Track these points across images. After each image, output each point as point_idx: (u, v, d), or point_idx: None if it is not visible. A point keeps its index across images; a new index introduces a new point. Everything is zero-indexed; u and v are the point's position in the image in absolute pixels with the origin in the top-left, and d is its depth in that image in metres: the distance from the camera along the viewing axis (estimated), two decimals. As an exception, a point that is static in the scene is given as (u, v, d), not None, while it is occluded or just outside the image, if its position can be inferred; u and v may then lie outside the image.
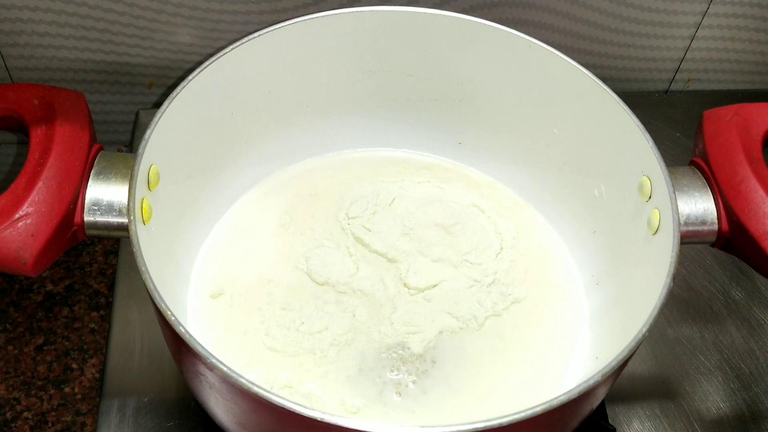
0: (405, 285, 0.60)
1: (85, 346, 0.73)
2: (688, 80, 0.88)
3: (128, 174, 0.51)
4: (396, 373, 0.56)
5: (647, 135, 0.54)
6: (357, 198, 0.65)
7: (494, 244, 0.63)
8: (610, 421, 0.62)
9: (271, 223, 0.64)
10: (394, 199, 0.65)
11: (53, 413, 0.69)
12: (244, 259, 0.62)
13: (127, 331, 0.64)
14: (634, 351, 0.45)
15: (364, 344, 0.57)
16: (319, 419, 0.40)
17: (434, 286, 0.60)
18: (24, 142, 0.52)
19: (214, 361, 0.42)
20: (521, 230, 0.65)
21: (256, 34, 0.58)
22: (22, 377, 0.71)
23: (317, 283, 0.60)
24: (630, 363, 0.48)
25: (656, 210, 0.53)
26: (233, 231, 0.64)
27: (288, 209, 0.65)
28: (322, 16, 0.60)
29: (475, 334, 0.59)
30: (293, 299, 0.59)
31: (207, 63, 0.56)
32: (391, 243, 0.62)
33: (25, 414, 0.69)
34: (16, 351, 0.72)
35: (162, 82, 0.79)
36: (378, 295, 0.59)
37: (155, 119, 0.52)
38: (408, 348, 0.57)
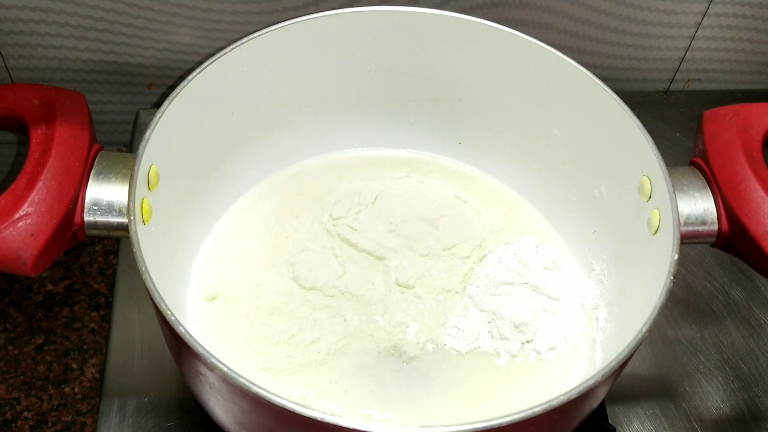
0: (396, 282, 0.60)
1: (85, 346, 0.73)
2: (688, 80, 0.88)
3: (128, 174, 0.51)
4: (394, 374, 0.56)
5: (647, 135, 0.54)
6: (340, 198, 0.65)
7: (479, 235, 0.63)
8: (610, 421, 0.62)
9: (269, 224, 0.64)
10: (376, 197, 0.65)
11: (53, 413, 0.69)
12: (240, 262, 0.62)
13: (127, 331, 0.64)
14: (634, 351, 0.45)
15: (358, 349, 0.57)
16: (319, 419, 0.40)
17: (425, 282, 0.60)
18: (24, 142, 0.52)
19: (214, 361, 0.42)
20: (508, 219, 0.65)
21: (256, 34, 0.58)
22: (22, 377, 0.71)
23: (305, 288, 0.60)
24: (630, 363, 0.48)
25: (656, 210, 0.53)
26: (233, 231, 0.64)
27: (285, 209, 0.65)
28: (322, 16, 0.60)
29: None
30: (281, 304, 0.59)
31: (207, 63, 0.56)
32: (379, 241, 0.62)
33: (25, 414, 0.69)
34: (16, 351, 0.72)
35: (162, 82, 0.79)
36: (367, 295, 0.59)
37: (155, 119, 0.52)
38: (404, 349, 0.57)
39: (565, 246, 0.65)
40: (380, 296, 0.59)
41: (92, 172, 0.51)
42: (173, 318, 0.44)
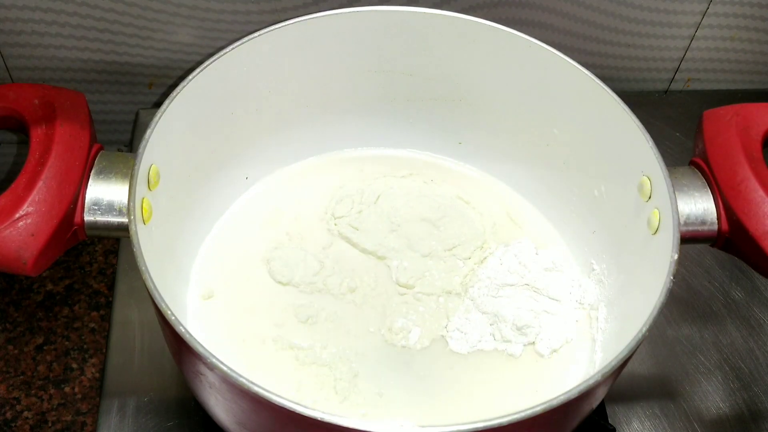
0: (396, 282, 0.60)
1: (85, 346, 0.73)
2: (688, 80, 0.88)
3: (128, 174, 0.51)
4: (395, 374, 0.56)
5: (647, 135, 0.54)
6: (342, 197, 0.65)
7: (480, 237, 0.63)
8: (610, 421, 0.62)
9: (269, 223, 0.64)
10: (378, 197, 0.65)
11: (53, 413, 0.69)
12: (240, 262, 0.62)
13: (127, 331, 0.64)
14: (634, 351, 0.45)
15: (359, 349, 0.57)
16: (319, 419, 0.40)
17: (425, 282, 0.60)
18: (24, 142, 0.52)
19: (214, 360, 0.42)
20: (508, 220, 0.65)
21: (256, 34, 0.58)
22: (22, 377, 0.71)
23: (306, 289, 0.60)
24: (630, 363, 0.48)
25: (656, 210, 0.53)
26: (233, 230, 0.64)
27: (286, 208, 0.65)
28: (322, 16, 0.60)
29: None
30: (282, 304, 0.59)
31: (207, 63, 0.56)
32: (380, 240, 0.62)
33: (25, 414, 0.69)
34: (16, 351, 0.72)
35: (162, 82, 0.79)
36: (369, 296, 0.59)
37: (155, 119, 0.52)
38: (406, 351, 0.57)
39: (565, 246, 0.65)
40: (382, 297, 0.59)
41: (92, 171, 0.51)
42: (173, 317, 0.44)
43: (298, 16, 0.59)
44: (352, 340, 0.57)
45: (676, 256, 0.48)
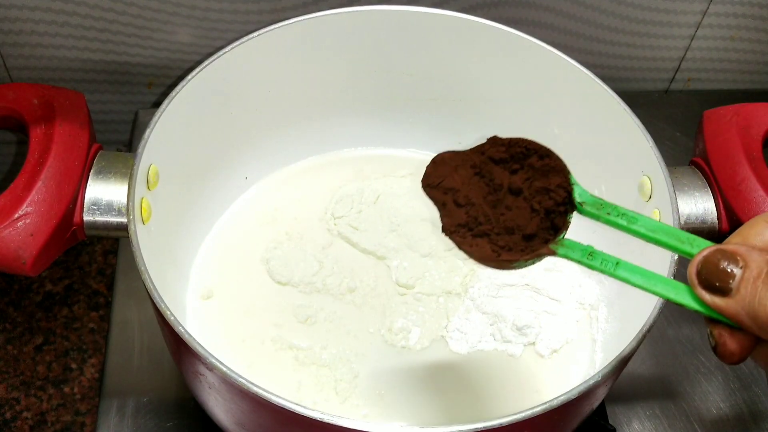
0: (396, 282, 0.60)
1: (84, 346, 0.72)
2: (688, 80, 0.88)
3: (127, 174, 0.51)
4: (395, 375, 0.56)
5: (647, 135, 0.54)
6: (341, 197, 0.65)
7: None
8: (610, 421, 0.62)
9: (269, 223, 0.64)
10: (378, 196, 0.65)
11: (53, 413, 0.69)
12: (239, 262, 0.62)
13: (126, 331, 0.64)
14: (635, 351, 0.45)
15: (359, 349, 0.57)
16: (318, 419, 0.40)
17: (425, 282, 0.60)
18: (24, 142, 0.52)
19: (213, 361, 0.42)
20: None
21: (255, 34, 0.58)
22: (21, 377, 0.71)
23: (305, 290, 0.60)
24: (630, 363, 0.48)
25: (656, 210, 0.53)
26: (233, 230, 0.64)
27: (285, 208, 0.65)
28: (322, 16, 0.60)
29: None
30: (281, 305, 0.59)
31: (206, 63, 0.56)
32: (380, 240, 0.62)
33: (25, 414, 0.69)
34: (15, 351, 0.72)
35: (161, 82, 0.79)
36: (369, 296, 0.59)
37: (154, 119, 0.52)
38: (406, 351, 0.57)
39: (565, 246, 0.65)
40: (381, 297, 0.59)
41: (92, 171, 0.51)
42: (172, 318, 0.44)
43: (298, 16, 0.59)
44: (351, 341, 0.57)
45: (676, 256, 0.48)
